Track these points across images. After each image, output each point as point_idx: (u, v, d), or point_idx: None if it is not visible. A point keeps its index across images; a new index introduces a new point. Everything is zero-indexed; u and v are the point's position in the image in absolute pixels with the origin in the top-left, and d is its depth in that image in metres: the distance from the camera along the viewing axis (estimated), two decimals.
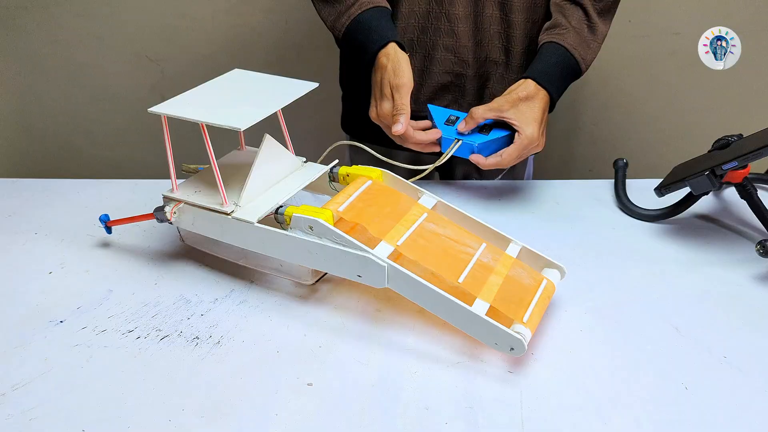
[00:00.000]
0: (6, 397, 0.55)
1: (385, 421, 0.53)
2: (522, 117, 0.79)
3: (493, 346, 0.59)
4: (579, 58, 0.85)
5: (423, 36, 0.91)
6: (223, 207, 0.66)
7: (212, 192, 0.69)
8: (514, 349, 0.58)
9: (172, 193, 0.70)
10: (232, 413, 0.54)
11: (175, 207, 0.69)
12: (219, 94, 0.71)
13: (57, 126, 1.81)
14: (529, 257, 0.69)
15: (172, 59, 1.70)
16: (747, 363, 0.60)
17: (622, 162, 0.94)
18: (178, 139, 0.74)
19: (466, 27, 0.90)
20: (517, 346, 0.58)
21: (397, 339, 0.63)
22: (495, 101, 0.81)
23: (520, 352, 0.58)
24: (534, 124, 0.79)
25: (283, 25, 1.66)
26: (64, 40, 1.68)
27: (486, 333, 0.59)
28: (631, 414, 0.54)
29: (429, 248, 0.64)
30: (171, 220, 0.70)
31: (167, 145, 0.69)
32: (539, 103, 0.81)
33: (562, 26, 0.85)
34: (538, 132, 0.80)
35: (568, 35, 0.85)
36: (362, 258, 0.61)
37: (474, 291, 0.61)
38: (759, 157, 0.71)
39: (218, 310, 0.67)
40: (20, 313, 0.66)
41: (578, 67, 0.86)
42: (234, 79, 0.74)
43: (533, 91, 0.81)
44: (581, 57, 0.85)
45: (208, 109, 0.67)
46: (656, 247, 0.79)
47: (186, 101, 0.68)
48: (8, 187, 0.92)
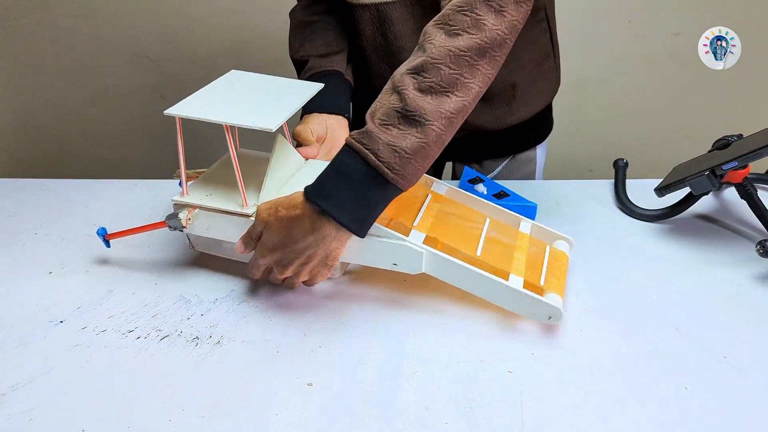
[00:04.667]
0: (6, 397, 0.55)
1: (385, 421, 0.53)
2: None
3: (532, 317, 0.63)
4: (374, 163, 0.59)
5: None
6: (244, 209, 0.66)
7: (227, 195, 0.68)
8: (552, 317, 0.62)
9: (183, 198, 0.68)
10: (232, 413, 0.54)
11: (190, 213, 0.67)
12: (228, 95, 0.69)
13: (57, 126, 1.81)
14: (539, 232, 0.74)
15: (172, 59, 1.70)
16: (747, 363, 0.60)
17: (622, 162, 0.94)
18: (169, 140, 0.73)
19: None
20: (555, 314, 0.62)
21: (397, 339, 0.63)
22: None
23: (557, 319, 0.62)
24: (269, 201, 0.63)
25: (283, 25, 1.66)
26: (64, 40, 1.68)
27: (525, 305, 0.63)
28: (631, 414, 0.54)
29: (455, 232, 0.67)
30: (187, 227, 0.67)
31: (180, 149, 0.67)
32: (297, 193, 0.62)
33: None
34: (266, 206, 0.63)
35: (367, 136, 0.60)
36: (399, 246, 0.62)
37: (506, 268, 0.65)
38: (759, 157, 0.71)
39: (218, 310, 0.67)
40: (20, 313, 0.66)
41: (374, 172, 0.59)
42: (236, 80, 0.74)
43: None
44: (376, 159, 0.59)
45: (228, 110, 0.65)
46: (656, 247, 0.79)
47: (199, 103, 0.66)
48: (8, 187, 0.92)
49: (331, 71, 0.87)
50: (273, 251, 0.63)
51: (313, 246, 0.62)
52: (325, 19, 0.91)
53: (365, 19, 0.86)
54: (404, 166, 0.58)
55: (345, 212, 0.59)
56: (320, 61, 0.88)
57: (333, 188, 0.59)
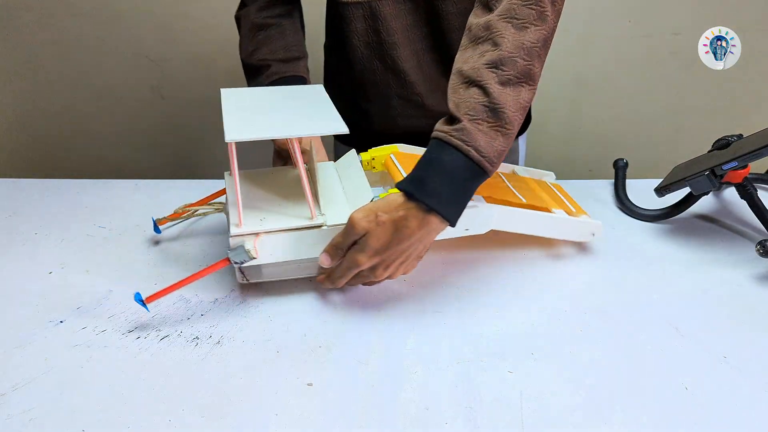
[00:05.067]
0: (6, 397, 0.55)
1: (385, 421, 0.53)
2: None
3: (579, 238, 0.77)
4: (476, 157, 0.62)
5: (375, 89, 0.93)
6: (314, 221, 0.65)
7: (283, 212, 0.66)
8: (595, 234, 0.77)
9: (241, 229, 0.64)
10: (232, 413, 0.54)
11: (256, 241, 0.64)
12: (257, 111, 0.66)
13: (57, 126, 1.81)
14: (532, 173, 0.87)
15: (172, 59, 1.70)
16: (747, 363, 0.60)
17: (622, 162, 0.94)
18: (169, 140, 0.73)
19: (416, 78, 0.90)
20: (597, 229, 0.77)
21: (397, 339, 0.63)
22: None
23: (599, 233, 0.77)
24: (362, 209, 0.63)
25: None
26: (64, 40, 1.68)
27: (573, 230, 0.76)
28: (631, 414, 0.54)
29: (494, 189, 0.75)
30: (258, 256, 0.64)
31: (235, 177, 0.62)
32: (392, 195, 0.64)
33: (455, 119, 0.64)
34: (362, 214, 0.63)
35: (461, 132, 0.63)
36: (472, 210, 0.67)
37: (546, 205, 0.76)
38: (759, 157, 0.71)
39: (218, 310, 0.67)
40: (20, 313, 0.66)
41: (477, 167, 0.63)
42: (240, 97, 0.70)
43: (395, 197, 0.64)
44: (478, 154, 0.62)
45: (279, 124, 0.63)
46: (656, 247, 0.79)
47: (242, 122, 0.62)
48: (8, 187, 0.92)
49: (297, 76, 0.87)
50: (375, 255, 0.63)
51: (416, 243, 0.64)
52: (281, 24, 0.89)
53: (357, 17, 0.87)
54: (499, 157, 0.62)
55: (450, 207, 0.62)
56: (283, 66, 0.86)
57: (438, 185, 0.61)
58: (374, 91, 0.94)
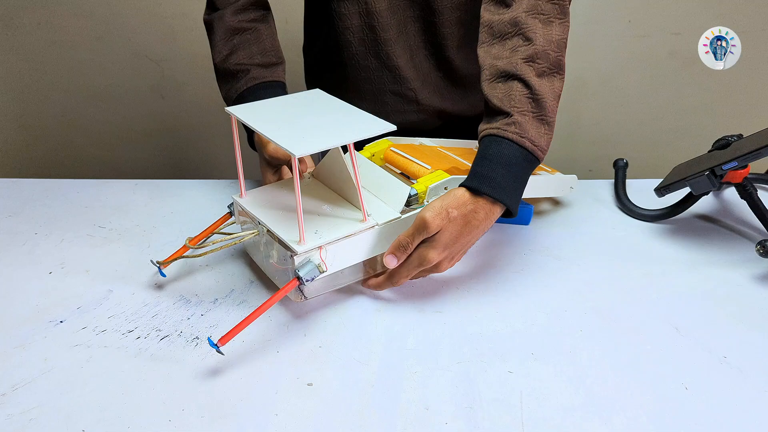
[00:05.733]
0: (6, 397, 0.55)
1: (385, 421, 0.53)
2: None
3: (558, 193, 0.86)
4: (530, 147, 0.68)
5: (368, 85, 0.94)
6: (365, 223, 0.65)
7: (331, 221, 0.66)
8: (573, 187, 0.88)
9: (304, 245, 0.62)
10: (232, 413, 0.54)
11: (321, 253, 0.63)
12: (289, 121, 0.65)
13: (57, 126, 1.82)
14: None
15: (172, 59, 1.70)
16: (747, 363, 0.60)
17: (622, 162, 0.94)
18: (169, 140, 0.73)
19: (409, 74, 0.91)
20: (573, 183, 0.87)
21: (397, 339, 0.63)
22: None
23: (576, 186, 0.88)
24: (431, 208, 0.65)
25: (283, 24, 1.66)
26: (64, 40, 1.68)
27: (552, 185, 0.84)
28: (631, 414, 0.54)
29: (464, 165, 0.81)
30: (327, 269, 0.63)
31: (297, 193, 0.59)
32: (458, 191, 0.67)
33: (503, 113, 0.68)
34: (433, 213, 0.65)
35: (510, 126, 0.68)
36: None
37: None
38: (759, 157, 0.71)
39: (218, 310, 0.67)
40: (20, 313, 0.66)
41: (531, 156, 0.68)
42: (255, 111, 0.67)
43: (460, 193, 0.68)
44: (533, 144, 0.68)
45: (330, 131, 0.62)
46: (656, 247, 0.79)
47: (293, 135, 0.60)
48: (8, 187, 0.92)
49: (278, 82, 0.86)
50: (445, 249, 0.66)
51: (480, 233, 0.68)
52: (257, 28, 0.87)
53: (353, 13, 0.87)
54: (548, 144, 0.68)
55: (513, 197, 0.67)
56: (263, 71, 0.84)
57: (500, 178, 0.66)
58: (367, 88, 0.94)
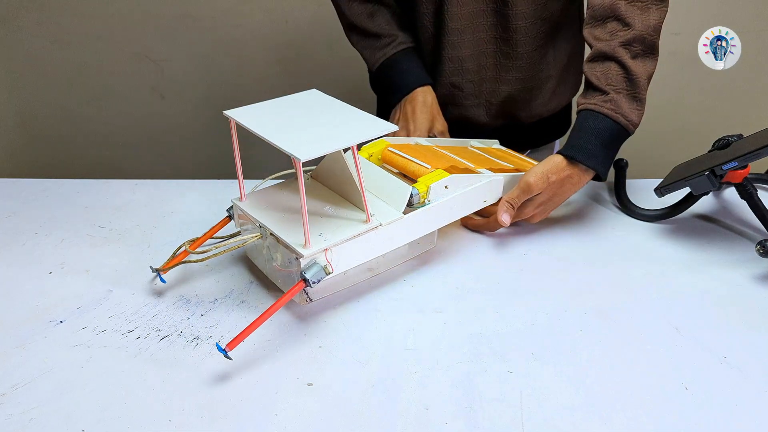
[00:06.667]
0: (6, 397, 0.55)
1: (385, 421, 0.53)
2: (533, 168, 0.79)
3: None
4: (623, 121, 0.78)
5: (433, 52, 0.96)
6: (369, 224, 0.65)
7: (335, 222, 0.66)
8: None
9: (308, 248, 0.61)
10: (232, 413, 0.54)
11: (327, 255, 0.63)
12: (291, 123, 0.64)
13: (57, 126, 1.82)
14: (481, 144, 0.94)
15: (172, 59, 1.70)
16: (747, 363, 0.60)
17: (622, 162, 0.93)
18: (169, 140, 0.73)
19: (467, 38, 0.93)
20: None
21: (397, 339, 0.63)
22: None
23: None
24: (534, 174, 0.77)
25: (283, 25, 1.67)
26: (64, 40, 1.68)
27: None
28: (631, 414, 0.54)
29: (486, 161, 0.84)
30: (333, 271, 0.63)
31: (302, 196, 0.59)
32: (556, 158, 0.78)
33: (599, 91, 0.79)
34: (536, 178, 0.76)
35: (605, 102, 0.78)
36: (491, 183, 0.76)
37: (520, 167, 0.85)
38: (759, 157, 0.71)
39: (218, 310, 0.67)
40: (20, 313, 0.66)
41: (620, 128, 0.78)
42: (254, 114, 0.67)
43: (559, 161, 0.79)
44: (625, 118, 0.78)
45: (333, 133, 0.62)
46: (656, 247, 0.79)
47: (295, 138, 0.60)
48: (8, 187, 0.92)
49: (415, 47, 0.95)
50: (542, 205, 0.78)
51: (571, 194, 0.80)
52: (383, 2, 0.95)
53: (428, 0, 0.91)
54: (640, 118, 0.78)
55: (604, 165, 0.78)
56: (406, 36, 0.94)
57: (594, 149, 0.77)
58: (433, 76, 0.96)
